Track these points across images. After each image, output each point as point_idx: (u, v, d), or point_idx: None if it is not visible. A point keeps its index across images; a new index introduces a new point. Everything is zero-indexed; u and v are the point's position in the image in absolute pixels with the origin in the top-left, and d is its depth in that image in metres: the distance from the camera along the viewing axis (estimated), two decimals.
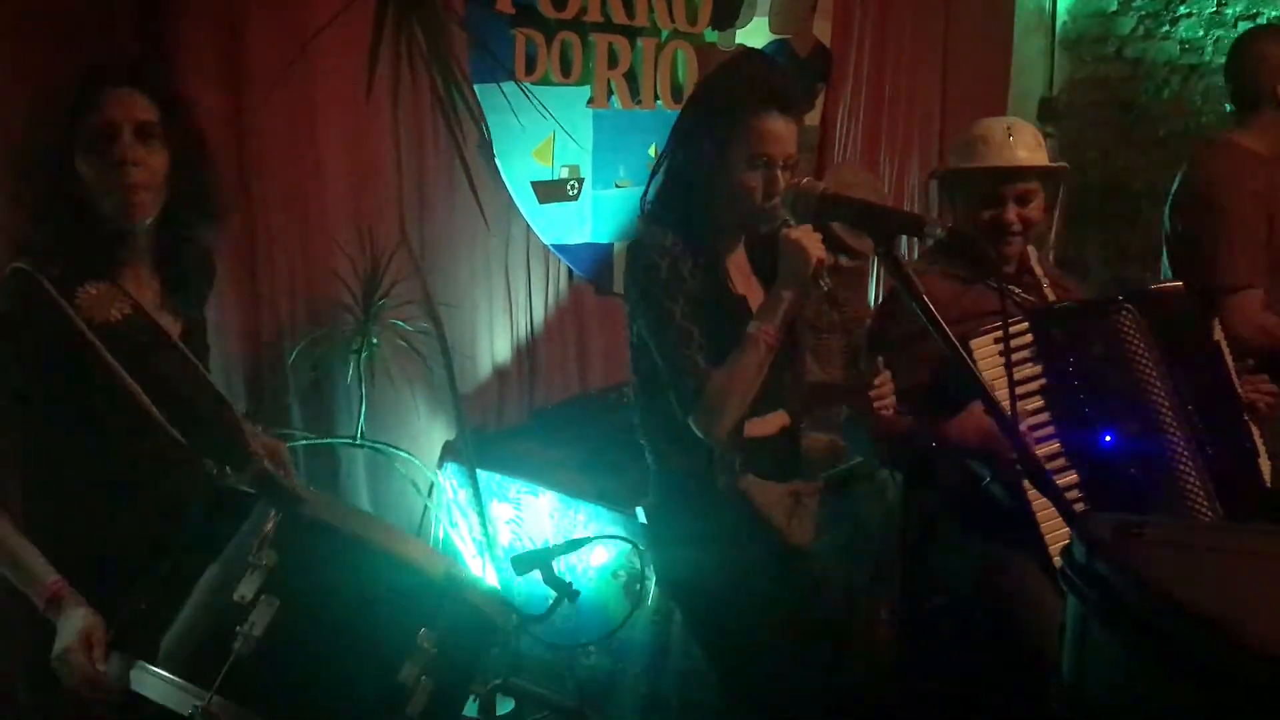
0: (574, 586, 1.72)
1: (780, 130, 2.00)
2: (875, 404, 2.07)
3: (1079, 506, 2.24)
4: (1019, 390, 2.27)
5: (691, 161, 2.05)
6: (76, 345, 1.67)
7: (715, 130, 2.01)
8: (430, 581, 1.56)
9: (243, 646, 1.44)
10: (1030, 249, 2.60)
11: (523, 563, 1.77)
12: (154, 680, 1.47)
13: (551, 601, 1.71)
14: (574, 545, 1.83)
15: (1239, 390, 2.42)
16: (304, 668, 1.49)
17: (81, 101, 1.67)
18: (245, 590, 1.47)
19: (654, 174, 2.14)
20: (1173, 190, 3.06)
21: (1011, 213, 2.41)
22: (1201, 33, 5.08)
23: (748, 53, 2.58)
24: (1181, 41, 5.14)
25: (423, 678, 1.53)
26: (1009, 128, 2.47)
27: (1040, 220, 2.47)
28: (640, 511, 2.25)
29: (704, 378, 1.97)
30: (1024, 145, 2.45)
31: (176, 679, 1.45)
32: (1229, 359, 2.43)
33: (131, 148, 1.68)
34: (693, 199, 2.05)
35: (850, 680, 2.57)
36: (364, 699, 1.52)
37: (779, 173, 2.00)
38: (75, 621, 1.59)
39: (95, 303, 1.70)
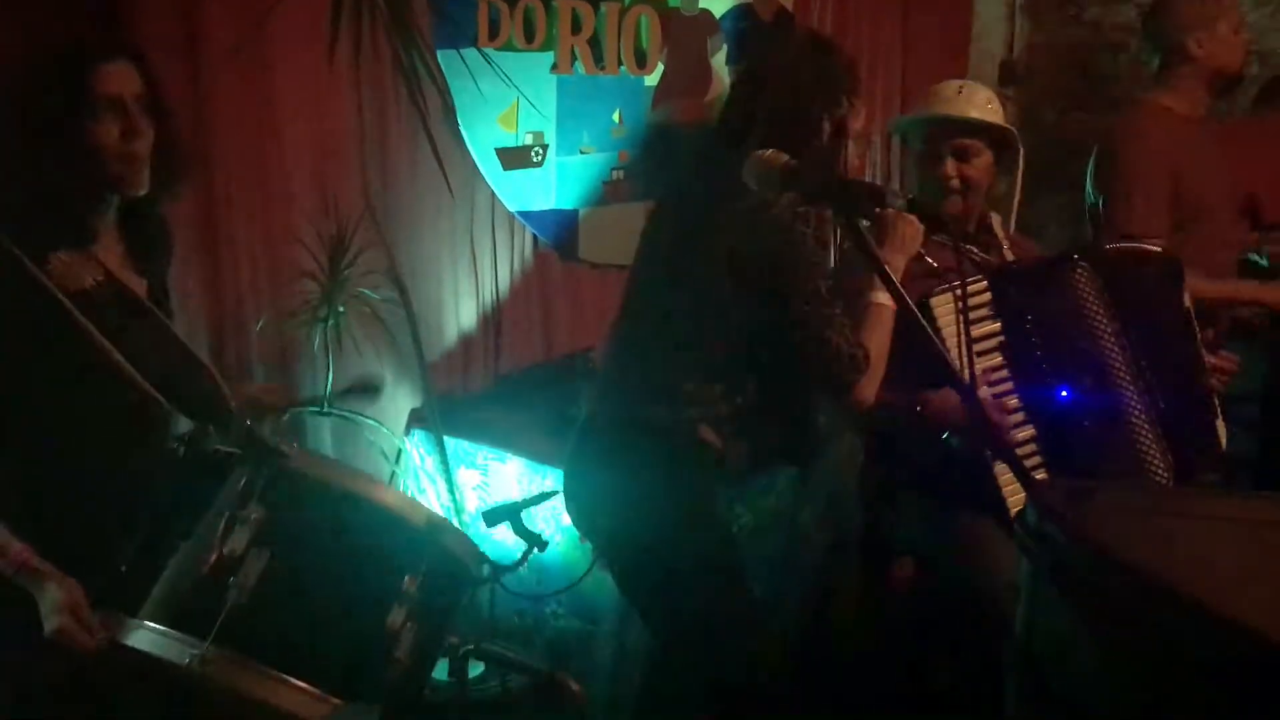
0: (543, 537, 1.77)
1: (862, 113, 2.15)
2: None
3: (1035, 460, 2.31)
4: (979, 347, 2.33)
5: (803, 144, 2.03)
6: (51, 312, 1.67)
7: (827, 115, 2.08)
8: (413, 529, 1.60)
9: (236, 596, 1.47)
10: (995, 215, 2.64)
11: (493, 516, 1.82)
12: (144, 633, 1.50)
13: (521, 553, 1.75)
14: (543, 497, 1.87)
15: (1203, 357, 2.48)
16: (297, 616, 1.53)
17: (84, 72, 1.68)
18: (235, 545, 1.50)
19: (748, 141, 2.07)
20: (1092, 155, 3.08)
21: (950, 167, 2.43)
22: None
23: (821, 38, 2.56)
24: (1139, 5, 5.18)
25: (408, 622, 1.57)
26: (962, 86, 2.51)
27: (983, 180, 2.48)
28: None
29: (865, 350, 2.05)
30: (973, 104, 2.47)
31: (170, 630, 1.48)
32: (1195, 327, 2.47)
33: (137, 119, 1.71)
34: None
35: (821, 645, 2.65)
36: (356, 644, 1.56)
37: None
38: (54, 595, 1.59)
39: (67, 270, 1.70)
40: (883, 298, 2.09)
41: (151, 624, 1.51)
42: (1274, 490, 3.22)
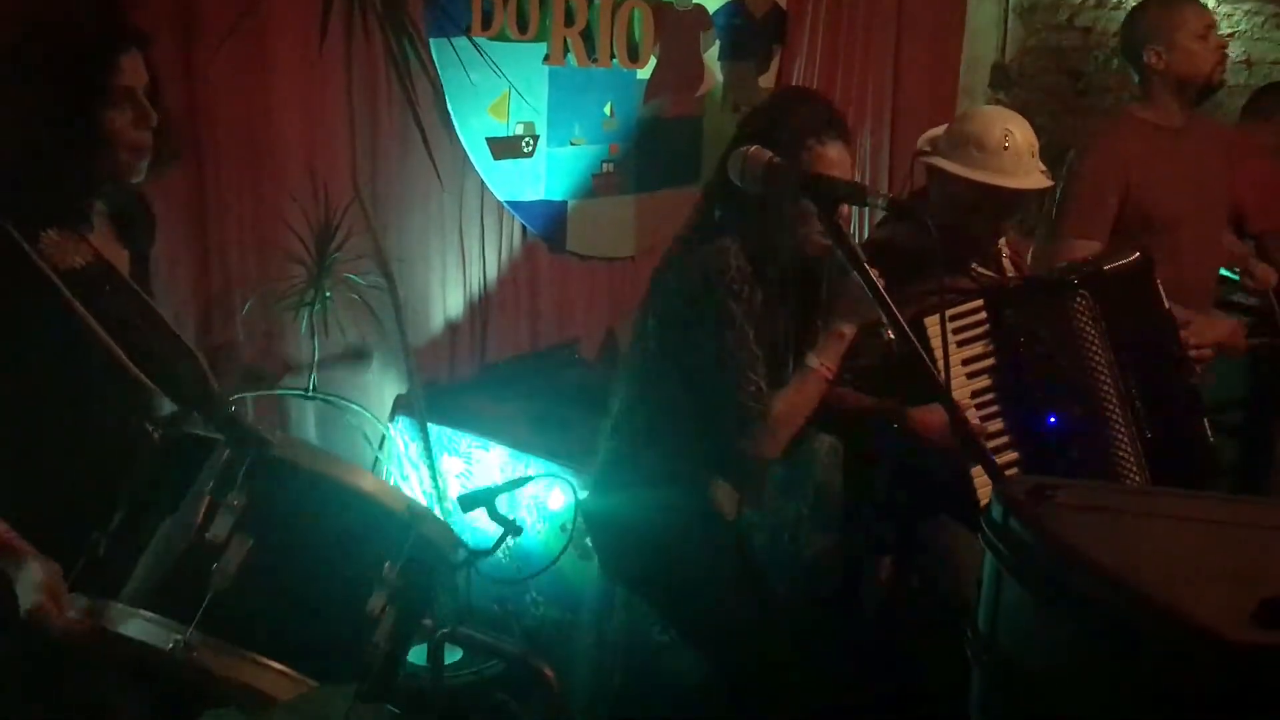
0: (517, 523, 1.78)
1: (842, 156, 2.10)
2: None
3: None
4: (971, 368, 2.32)
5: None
6: (40, 290, 1.68)
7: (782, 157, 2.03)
8: (394, 516, 1.62)
9: (219, 582, 1.49)
10: None
11: (469, 501, 1.83)
12: (128, 618, 1.51)
13: (497, 538, 1.76)
14: (518, 483, 1.88)
15: (1189, 361, 2.47)
16: (278, 602, 1.55)
17: (104, 63, 1.69)
18: (218, 530, 1.51)
19: (712, 191, 2.17)
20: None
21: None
22: None
23: (801, 88, 2.58)
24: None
25: (387, 607, 1.59)
26: (1007, 133, 2.39)
27: (1009, 229, 2.52)
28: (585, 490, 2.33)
29: (768, 404, 2.05)
30: (1018, 160, 2.39)
31: (153, 615, 1.49)
32: (1187, 356, 2.48)
33: (147, 109, 1.72)
34: (754, 221, 2.10)
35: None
36: (337, 629, 1.58)
37: None
38: (32, 574, 1.59)
39: (58, 249, 1.71)
40: (813, 360, 2.08)
41: (134, 609, 1.52)
42: (1255, 494, 3.27)
